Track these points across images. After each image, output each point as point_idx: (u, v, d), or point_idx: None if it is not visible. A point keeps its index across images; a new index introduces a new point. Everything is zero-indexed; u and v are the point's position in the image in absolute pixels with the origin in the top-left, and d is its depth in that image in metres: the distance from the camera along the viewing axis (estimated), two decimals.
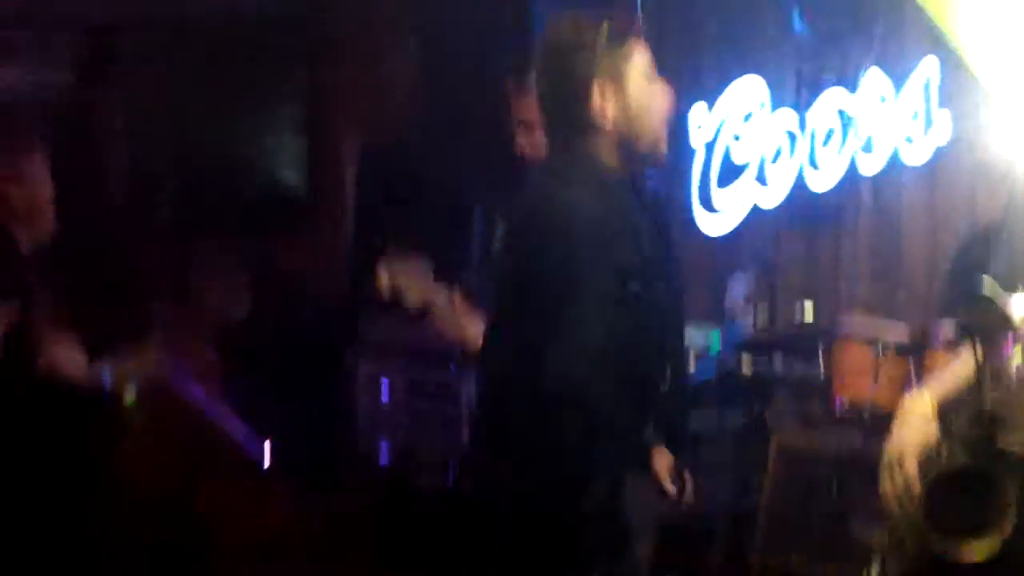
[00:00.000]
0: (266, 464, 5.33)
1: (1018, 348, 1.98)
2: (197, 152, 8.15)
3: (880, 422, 2.85)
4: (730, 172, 5.69)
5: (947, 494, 2.25)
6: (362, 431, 5.75)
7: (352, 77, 7.19)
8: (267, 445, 5.43)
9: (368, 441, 5.71)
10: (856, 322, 4.28)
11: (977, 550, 2.22)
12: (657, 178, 5.27)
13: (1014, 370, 2.00)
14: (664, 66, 5.75)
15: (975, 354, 2.08)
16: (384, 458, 5.61)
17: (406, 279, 3.35)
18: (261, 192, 7.84)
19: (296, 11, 7.32)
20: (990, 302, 1.95)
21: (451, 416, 5.37)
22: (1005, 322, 1.93)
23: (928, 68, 5.16)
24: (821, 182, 5.46)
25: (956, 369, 2.32)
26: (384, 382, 5.67)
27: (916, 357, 4.12)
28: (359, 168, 7.16)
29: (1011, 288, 2.01)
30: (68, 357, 3.97)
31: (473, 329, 3.23)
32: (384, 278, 3.36)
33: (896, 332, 4.25)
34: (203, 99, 8.03)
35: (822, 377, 3.08)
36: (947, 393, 2.34)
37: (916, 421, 2.30)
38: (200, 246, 7.56)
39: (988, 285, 2.02)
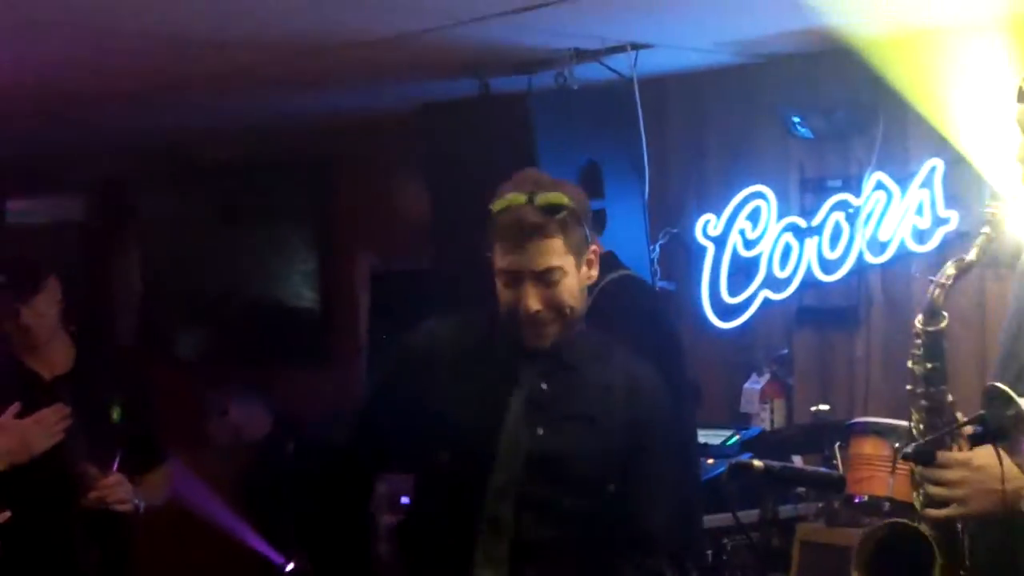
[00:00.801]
0: None
1: None
2: (215, 287, 8.26)
3: (899, 513, 2.87)
4: (739, 273, 5.75)
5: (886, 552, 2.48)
6: (381, 551, 5.74)
7: (366, 208, 7.32)
8: (293, 564, 5.45)
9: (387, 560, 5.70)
10: (871, 417, 4.29)
11: None
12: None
13: None
14: (669, 177, 5.92)
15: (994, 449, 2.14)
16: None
17: None
18: (278, 320, 7.92)
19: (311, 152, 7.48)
20: (1009, 399, 1.99)
21: None
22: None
23: (932, 169, 5.24)
24: (830, 278, 5.53)
25: None
26: (405, 501, 5.68)
27: None
28: (372, 295, 7.25)
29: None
30: (119, 490, 4.05)
31: None
32: None
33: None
34: (221, 235, 8.17)
35: (839, 473, 3.10)
36: None
37: None
38: (218, 373, 7.63)
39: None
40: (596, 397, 3.09)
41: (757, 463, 2.64)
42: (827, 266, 5.56)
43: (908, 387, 2.59)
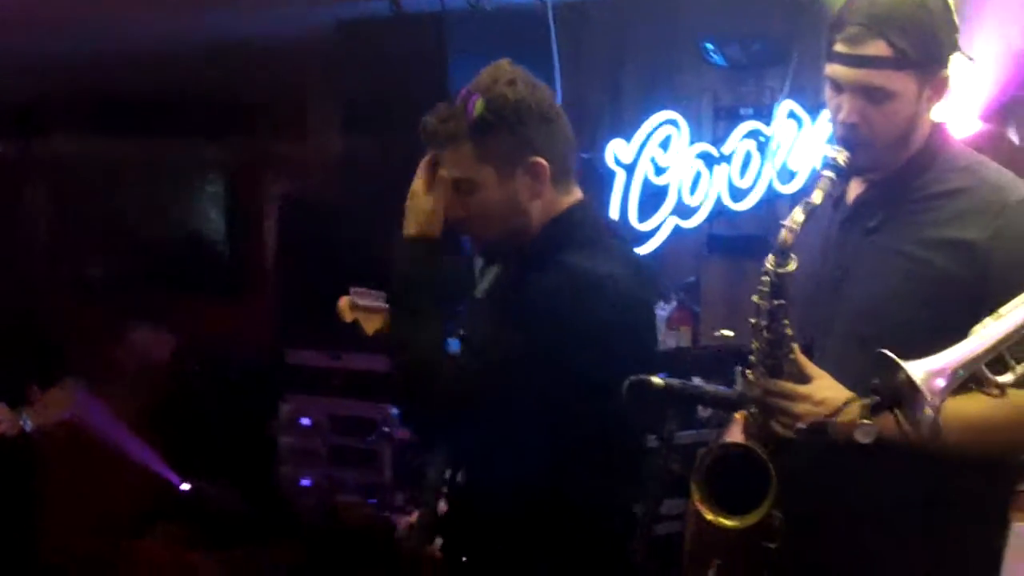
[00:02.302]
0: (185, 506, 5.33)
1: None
2: (122, 208, 8.17)
3: (801, 436, 2.89)
4: (649, 199, 5.74)
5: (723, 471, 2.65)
6: (284, 474, 5.74)
7: (276, 134, 7.23)
8: (188, 487, 5.44)
9: (290, 483, 5.70)
10: None
11: (737, 522, 2.61)
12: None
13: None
14: (584, 103, 5.89)
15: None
16: (306, 498, 5.61)
17: (367, 309, 3.41)
18: (185, 247, 7.84)
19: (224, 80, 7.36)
20: (897, 365, 2.02)
21: (373, 454, 5.42)
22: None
23: None
24: (740, 206, 5.55)
25: None
26: (306, 422, 5.68)
27: None
28: (281, 222, 7.18)
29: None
30: None
31: None
32: (347, 308, 3.42)
33: None
34: (129, 159, 8.06)
35: (740, 392, 3.11)
36: None
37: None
38: (124, 298, 7.55)
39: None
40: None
41: (657, 380, 2.63)
42: (737, 194, 5.57)
43: (752, 320, 2.67)
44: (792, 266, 2.59)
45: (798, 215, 2.57)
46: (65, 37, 6.57)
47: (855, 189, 2.76)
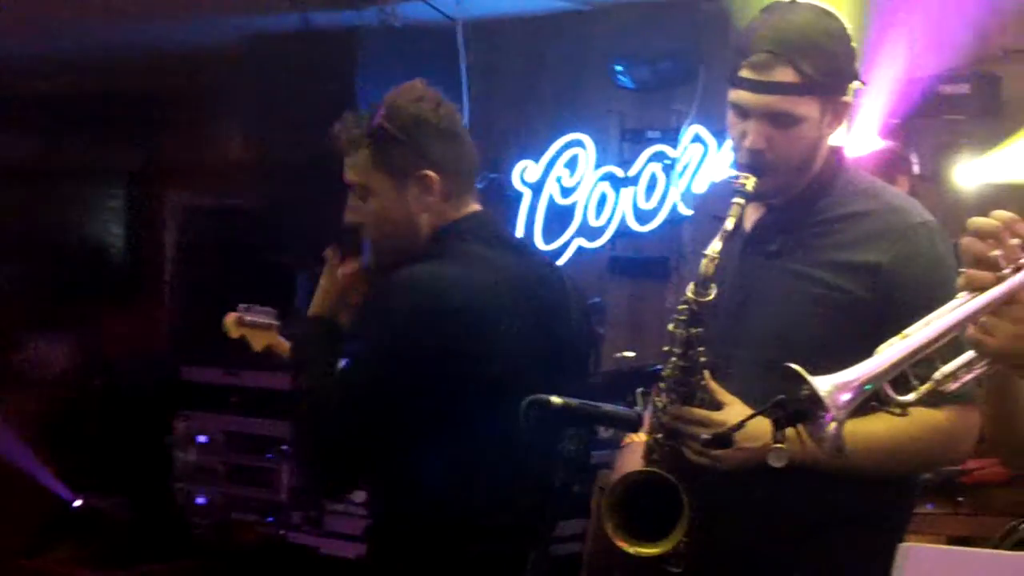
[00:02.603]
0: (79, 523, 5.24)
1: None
2: (24, 220, 8.04)
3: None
4: (555, 219, 5.75)
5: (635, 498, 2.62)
6: (180, 491, 5.66)
7: (182, 144, 7.15)
8: (79, 503, 5.35)
9: (186, 500, 5.62)
10: None
11: (654, 549, 2.58)
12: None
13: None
14: (493, 122, 5.89)
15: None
16: (202, 516, 5.53)
17: (254, 325, 3.40)
18: (85, 256, 7.73)
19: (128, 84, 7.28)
20: (802, 378, 2.02)
21: (271, 472, 5.37)
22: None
23: None
24: (644, 228, 5.56)
25: None
26: (202, 439, 5.61)
27: None
28: (181, 234, 7.10)
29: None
30: None
31: None
32: (233, 324, 3.42)
33: None
34: (28, 164, 7.93)
35: (637, 411, 3.10)
36: None
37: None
38: (17, 307, 7.42)
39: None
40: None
41: (555, 399, 2.60)
42: (642, 216, 5.59)
43: (666, 348, 2.66)
44: (712, 295, 2.60)
45: (716, 245, 2.57)
46: None
47: (753, 214, 2.76)
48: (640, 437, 2.80)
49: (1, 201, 8.10)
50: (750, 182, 2.61)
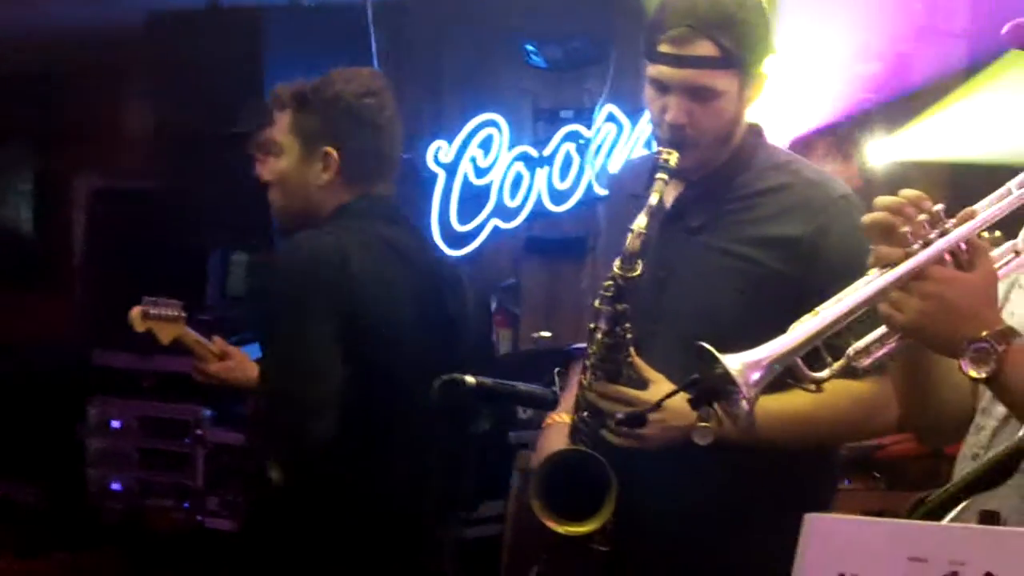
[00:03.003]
0: None
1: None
2: None
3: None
4: (470, 200, 5.72)
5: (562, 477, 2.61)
6: (93, 477, 5.59)
7: (87, 125, 7.03)
8: None
9: (99, 486, 5.55)
10: None
11: (583, 527, 2.59)
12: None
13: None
14: (404, 103, 5.84)
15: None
16: (115, 502, 5.46)
17: (159, 318, 3.39)
18: None
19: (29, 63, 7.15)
20: (715, 358, 2.03)
21: (186, 457, 5.31)
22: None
23: None
24: (560, 208, 5.56)
25: None
26: (116, 424, 5.54)
27: None
28: (91, 215, 6.99)
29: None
30: None
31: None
32: (138, 317, 3.41)
33: None
34: None
35: (552, 391, 3.11)
36: None
37: None
38: None
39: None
40: None
41: (469, 379, 2.61)
42: (557, 196, 5.58)
43: (591, 325, 2.68)
44: (638, 271, 2.59)
45: (642, 220, 2.57)
46: None
47: (673, 191, 2.76)
48: (563, 417, 2.79)
49: None
50: (673, 157, 2.62)
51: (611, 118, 5.46)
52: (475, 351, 3.26)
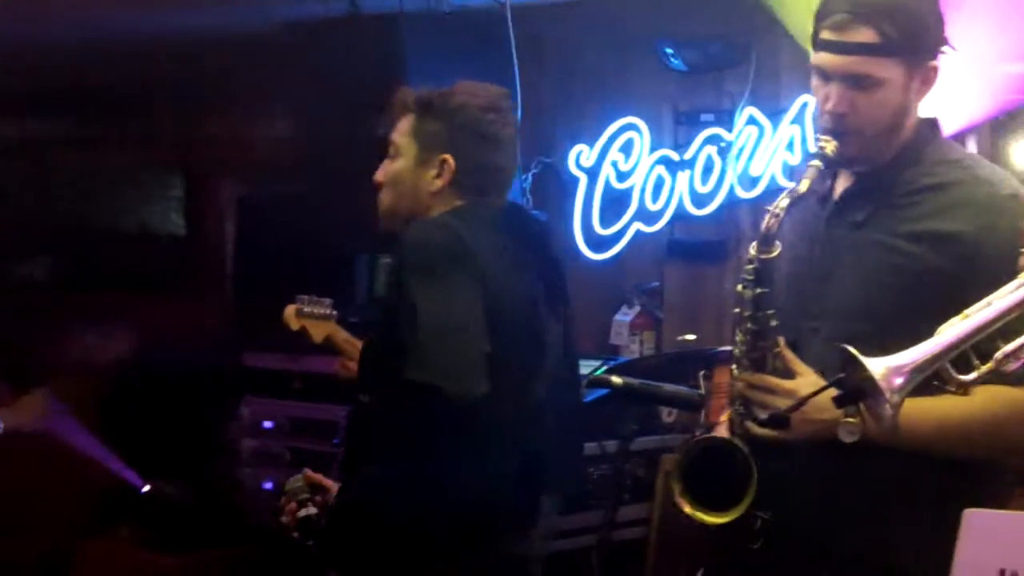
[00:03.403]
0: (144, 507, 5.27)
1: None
2: (77, 210, 8.09)
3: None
4: (611, 204, 5.74)
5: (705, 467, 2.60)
6: (245, 477, 5.69)
7: (233, 132, 7.17)
8: (148, 488, 5.37)
9: (251, 486, 5.65)
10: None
11: (719, 518, 2.58)
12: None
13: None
14: (543, 108, 5.88)
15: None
16: (267, 499, 5.54)
17: (312, 316, 3.45)
18: (139, 246, 7.77)
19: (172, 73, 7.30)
20: (858, 362, 2.02)
21: (332, 456, 5.37)
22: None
23: (804, 105, 5.26)
24: (701, 211, 5.54)
25: None
26: (267, 425, 5.63)
27: None
28: (238, 221, 7.13)
29: None
30: None
31: None
32: (293, 315, 3.49)
33: None
34: (83, 159, 7.99)
35: (698, 392, 3.12)
36: None
37: None
38: (82, 301, 7.48)
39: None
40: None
41: (616, 379, 2.63)
42: (698, 200, 5.57)
43: (736, 310, 2.65)
44: (775, 252, 2.57)
45: (782, 201, 2.55)
46: (19, 28, 6.49)
47: (843, 184, 2.73)
48: (725, 418, 2.78)
49: (56, 193, 8.17)
50: (830, 145, 2.59)
51: (752, 120, 5.44)
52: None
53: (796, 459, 2.59)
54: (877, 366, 1.99)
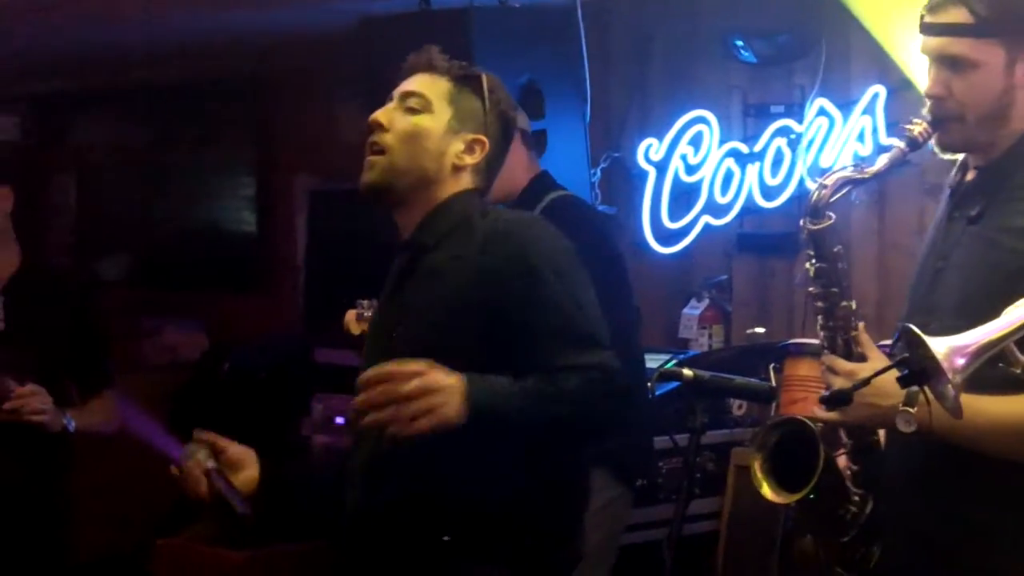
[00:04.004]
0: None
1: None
2: (150, 208, 8.18)
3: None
4: (680, 198, 5.72)
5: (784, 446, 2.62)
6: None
7: (304, 128, 7.22)
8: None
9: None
10: (808, 340, 4.28)
11: (787, 497, 2.61)
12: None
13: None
14: (611, 101, 5.88)
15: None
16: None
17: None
18: (214, 243, 7.84)
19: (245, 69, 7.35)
20: (922, 341, 2.01)
21: None
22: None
23: (875, 96, 5.22)
24: (771, 204, 5.52)
25: None
26: (340, 421, 5.66)
27: None
28: (310, 216, 7.17)
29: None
30: (36, 402, 3.93)
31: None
32: (353, 321, 3.46)
33: None
34: (156, 156, 8.07)
35: (769, 384, 3.11)
36: None
37: None
38: (153, 296, 7.56)
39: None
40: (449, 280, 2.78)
41: (686, 371, 2.62)
42: (768, 192, 5.54)
43: (809, 288, 2.68)
44: (825, 224, 2.59)
45: (838, 174, 2.58)
46: (92, 29, 6.57)
47: (962, 176, 2.69)
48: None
49: (127, 191, 8.26)
50: (917, 128, 2.55)
51: (822, 112, 5.40)
52: None
53: (900, 459, 2.57)
54: (940, 346, 1.99)
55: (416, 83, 2.90)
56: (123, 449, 5.45)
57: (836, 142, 5.34)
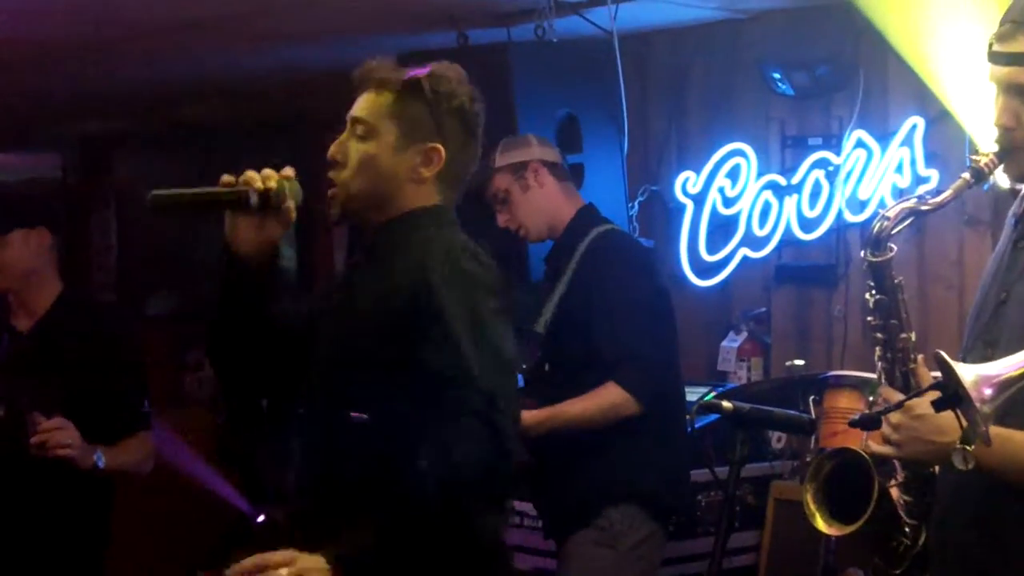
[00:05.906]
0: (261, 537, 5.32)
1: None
2: (193, 244, 8.23)
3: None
4: (718, 230, 5.72)
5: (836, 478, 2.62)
6: None
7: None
8: (263, 519, 5.43)
9: None
10: (847, 372, 4.27)
11: (841, 528, 2.60)
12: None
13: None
14: (650, 134, 5.88)
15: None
16: None
17: None
18: None
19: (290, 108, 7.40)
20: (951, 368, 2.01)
21: None
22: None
23: (913, 127, 5.21)
24: (809, 236, 5.51)
25: None
26: None
27: None
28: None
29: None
30: (62, 436, 3.92)
31: None
32: None
33: None
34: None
35: (808, 416, 3.10)
36: None
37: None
38: (195, 330, 7.59)
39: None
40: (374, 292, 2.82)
41: (726, 403, 2.62)
42: (806, 224, 5.53)
43: (868, 319, 2.64)
44: (887, 256, 2.56)
45: (900, 205, 2.55)
46: (145, 66, 6.64)
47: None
48: None
49: (168, 227, 8.31)
50: (984, 158, 2.52)
51: (860, 143, 5.39)
52: None
53: (955, 488, 2.53)
54: (968, 374, 1.99)
55: (360, 106, 2.89)
56: (166, 482, 5.51)
57: (874, 174, 5.33)
